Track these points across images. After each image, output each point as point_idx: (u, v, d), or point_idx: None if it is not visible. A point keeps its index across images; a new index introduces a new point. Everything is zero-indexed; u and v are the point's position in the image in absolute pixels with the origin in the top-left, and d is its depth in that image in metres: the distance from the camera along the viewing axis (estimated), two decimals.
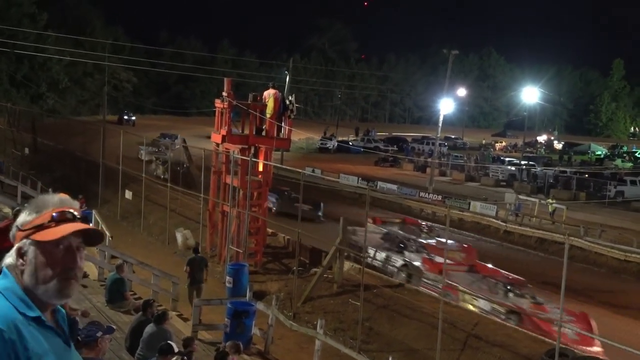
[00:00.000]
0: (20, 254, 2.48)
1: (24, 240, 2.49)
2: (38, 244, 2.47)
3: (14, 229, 2.54)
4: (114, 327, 9.99)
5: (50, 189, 23.59)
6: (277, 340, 18.05)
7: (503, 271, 23.36)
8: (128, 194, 34.92)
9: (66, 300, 2.55)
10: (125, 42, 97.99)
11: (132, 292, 18.57)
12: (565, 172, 62.08)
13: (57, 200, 2.57)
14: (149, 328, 12.23)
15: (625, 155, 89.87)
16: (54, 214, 2.50)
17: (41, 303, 2.47)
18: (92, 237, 2.58)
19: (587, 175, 59.27)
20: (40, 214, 2.51)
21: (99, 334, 8.15)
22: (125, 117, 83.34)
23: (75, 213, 2.56)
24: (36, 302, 2.45)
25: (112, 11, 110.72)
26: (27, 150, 49.88)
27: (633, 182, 56.00)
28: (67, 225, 2.49)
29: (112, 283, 16.90)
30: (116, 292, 16.83)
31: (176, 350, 10.44)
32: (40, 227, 2.48)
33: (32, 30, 69.92)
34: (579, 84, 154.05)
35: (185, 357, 10.51)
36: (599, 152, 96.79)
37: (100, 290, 17.91)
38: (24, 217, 2.53)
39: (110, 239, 23.88)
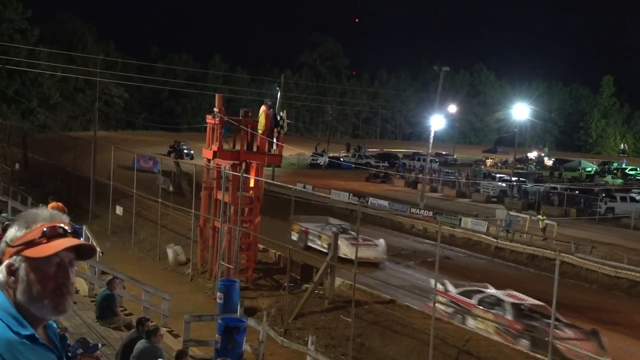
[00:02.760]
0: (11, 271, 2.42)
1: (15, 257, 2.43)
2: (30, 260, 2.41)
3: (2, 245, 2.48)
4: (101, 344, 9.91)
5: (49, 198, 23.41)
6: (268, 356, 17.98)
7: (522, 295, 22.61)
8: (119, 210, 34.85)
9: (62, 315, 2.52)
10: (116, 58, 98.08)
11: (122, 308, 18.49)
12: (555, 188, 62.21)
13: (47, 214, 2.52)
14: (140, 344, 12.18)
15: (615, 171, 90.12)
16: (45, 230, 2.44)
17: (34, 319, 2.43)
18: (84, 252, 2.55)
19: (577, 192, 59.39)
20: (30, 230, 2.45)
21: (79, 351, 8.08)
22: (185, 149, 69.47)
23: (67, 228, 2.51)
24: (28, 319, 2.40)
25: (104, 27, 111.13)
26: (17, 166, 49.74)
27: (623, 199, 56.19)
28: (59, 241, 2.45)
29: (103, 299, 16.83)
30: (106, 308, 16.75)
31: None
32: (31, 243, 2.42)
33: (24, 45, 69.96)
34: (569, 101, 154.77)
35: None
36: (589, 169, 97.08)
37: (91, 306, 17.82)
38: (13, 233, 2.47)
39: (101, 254, 23.79)
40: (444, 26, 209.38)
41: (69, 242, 2.48)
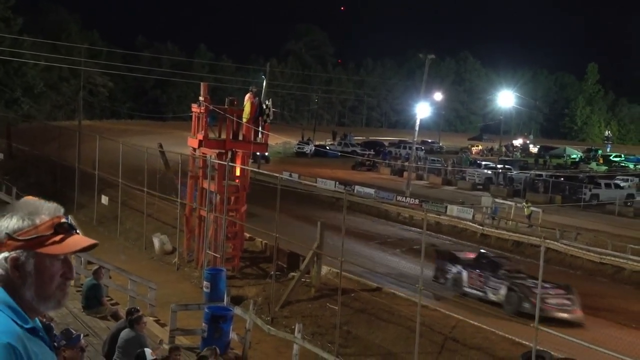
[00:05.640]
0: (17, 265, 2.33)
1: (20, 251, 2.33)
2: (39, 256, 2.34)
3: (1, 236, 2.35)
4: (85, 334, 9.90)
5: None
6: (254, 344, 18.02)
7: None
8: (104, 199, 34.72)
9: (60, 308, 2.49)
10: (101, 47, 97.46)
11: (108, 298, 18.48)
12: (541, 175, 62.45)
13: (52, 207, 2.43)
14: (124, 333, 12.18)
15: (600, 158, 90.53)
16: (56, 225, 2.37)
17: (32, 312, 2.38)
18: (86, 248, 2.51)
19: (562, 179, 59.63)
20: (36, 223, 2.35)
21: (63, 342, 8.08)
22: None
23: (73, 222, 2.45)
24: (27, 312, 2.36)
25: (88, 16, 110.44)
26: (1, 156, 49.44)
27: (608, 185, 56.49)
28: (73, 239, 2.39)
29: (89, 289, 16.81)
30: (93, 298, 16.73)
31: (151, 356, 10.40)
32: (42, 239, 2.34)
33: (7, 34, 69.38)
34: (554, 88, 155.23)
35: None
36: (574, 156, 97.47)
37: (77, 296, 17.79)
38: (14, 224, 2.35)
39: None
40: (430, 14, 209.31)
41: (84, 241, 2.43)
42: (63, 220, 2.41)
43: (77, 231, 2.45)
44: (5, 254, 2.34)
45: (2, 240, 2.34)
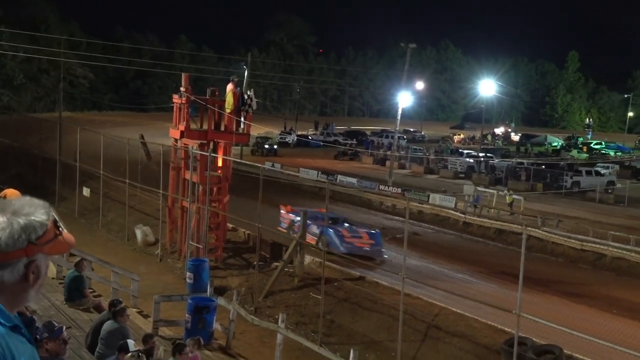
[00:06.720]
0: (34, 270, 2.26)
1: (38, 255, 2.27)
2: (47, 257, 2.31)
3: (21, 243, 2.23)
4: (67, 326, 9.87)
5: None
6: (238, 335, 18.05)
7: None
8: (86, 191, 34.57)
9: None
10: (81, 38, 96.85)
11: (91, 290, 18.40)
12: (522, 163, 62.74)
13: (47, 206, 2.35)
14: (107, 325, 12.16)
15: (581, 146, 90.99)
16: (54, 223, 2.33)
17: (12, 309, 2.30)
18: None
19: (544, 167, 59.94)
20: (47, 225, 2.29)
21: (45, 335, 8.06)
22: (266, 144, 71.21)
23: (56, 217, 2.44)
24: (9, 310, 2.29)
25: (67, 7, 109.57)
26: None
27: (589, 173, 56.87)
28: (66, 235, 2.39)
29: (71, 281, 16.72)
30: (75, 290, 16.65)
31: (134, 347, 10.38)
32: (52, 241, 2.30)
33: None
34: (535, 76, 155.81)
35: (144, 354, 10.44)
36: (555, 144, 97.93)
37: (59, 288, 17.72)
38: (34, 229, 2.25)
39: None
40: (411, 3, 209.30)
41: (72, 237, 2.43)
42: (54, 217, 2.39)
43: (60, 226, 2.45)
44: (25, 260, 2.26)
45: (23, 247, 2.24)
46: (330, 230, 27.06)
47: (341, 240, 26.97)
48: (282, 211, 30.71)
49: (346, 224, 28.52)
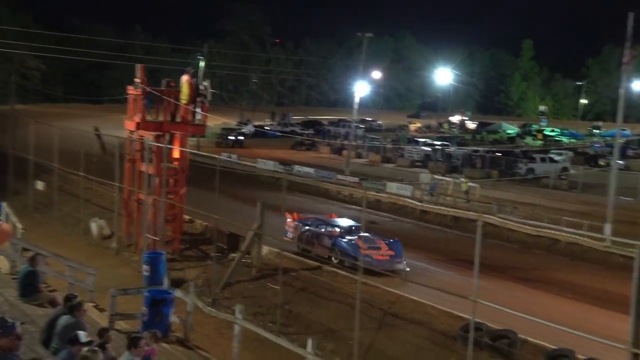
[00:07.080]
0: None
1: None
2: None
3: None
4: (21, 322, 9.77)
5: None
6: (196, 327, 17.99)
7: None
8: (40, 185, 34.07)
9: None
10: (35, 30, 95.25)
11: (46, 285, 18.19)
12: (477, 151, 63.37)
13: None
14: (63, 320, 12.05)
15: (535, 133, 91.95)
16: None
17: None
18: None
19: (499, 154, 60.57)
20: None
21: None
22: (231, 136, 73.27)
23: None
24: None
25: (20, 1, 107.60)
26: None
27: (543, 159, 57.65)
28: (5, 225, 2.38)
29: (25, 276, 16.51)
30: (29, 285, 16.43)
31: (85, 339, 10.32)
32: None
33: None
34: (490, 65, 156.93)
35: (98, 347, 10.38)
36: (510, 131, 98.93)
37: (12, 283, 17.49)
38: None
39: (22, 231, 23.30)
40: None
41: (9, 226, 2.42)
42: None
43: None
44: None
45: None
46: (343, 241, 25.52)
47: (357, 252, 23.39)
48: (287, 219, 27.84)
49: (362, 233, 24.57)
